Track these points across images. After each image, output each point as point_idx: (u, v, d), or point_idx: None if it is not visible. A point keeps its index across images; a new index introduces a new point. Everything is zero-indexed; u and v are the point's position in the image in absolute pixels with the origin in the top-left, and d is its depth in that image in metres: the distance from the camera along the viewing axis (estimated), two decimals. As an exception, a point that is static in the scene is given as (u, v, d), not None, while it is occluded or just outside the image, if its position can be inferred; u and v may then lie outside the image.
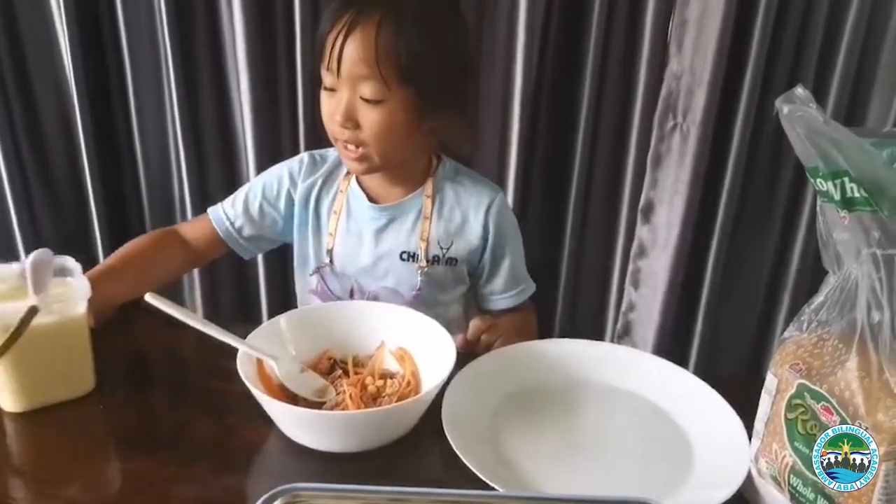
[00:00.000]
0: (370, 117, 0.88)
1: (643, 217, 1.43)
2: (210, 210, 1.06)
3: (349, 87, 0.87)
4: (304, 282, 1.08)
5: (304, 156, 1.05)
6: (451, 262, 1.00)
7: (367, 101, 0.87)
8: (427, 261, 0.99)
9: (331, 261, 1.02)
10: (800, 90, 0.52)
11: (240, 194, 1.05)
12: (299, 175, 1.03)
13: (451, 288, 1.03)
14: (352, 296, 1.02)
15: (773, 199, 1.46)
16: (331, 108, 0.90)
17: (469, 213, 1.00)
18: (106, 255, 1.60)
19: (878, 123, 1.35)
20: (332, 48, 0.86)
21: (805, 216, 1.44)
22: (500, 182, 1.46)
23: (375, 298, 1.00)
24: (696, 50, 1.29)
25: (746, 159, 1.40)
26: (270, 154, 1.46)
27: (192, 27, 1.43)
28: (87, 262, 1.74)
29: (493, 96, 1.42)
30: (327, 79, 0.90)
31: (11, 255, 1.69)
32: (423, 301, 0.99)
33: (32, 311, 0.71)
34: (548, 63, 1.40)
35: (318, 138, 1.14)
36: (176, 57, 1.43)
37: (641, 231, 1.45)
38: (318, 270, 1.03)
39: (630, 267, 1.48)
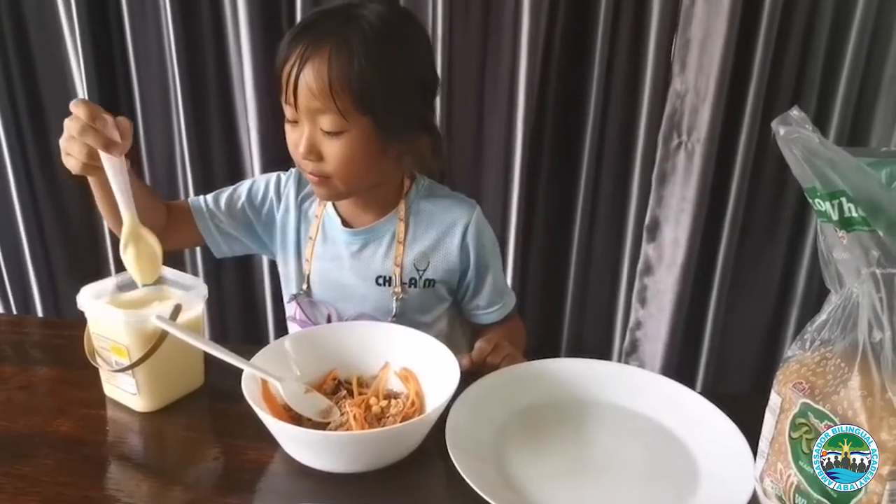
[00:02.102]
0: (332, 149, 0.87)
1: (649, 235, 1.44)
2: (190, 199, 1.03)
3: (308, 119, 0.86)
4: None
5: (293, 170, 1.03)
6: (428, 283, 0.99)
7: (327, 133, 0.86)
8: (403, 284, 0.97)
9: (308, 287, 1.01)
10: (795, 112, 0.52)
11: (224, 190, 1.03)
12: (286, 185, 1.02)
13: (431, 308, 1.01)
14: (329, 322, 1.01)
15: (779, 216, 1.46)
16: (294, 141, 0.89)
17: (445, 233, 0.98)
18: (113, 262, 1.64)
19: (882, 136, 1.35)
20: (286, 83, 0.85)
21: (811, 233, 1.44)
22: (505, 202, 1.47)
23: None
24: (700, 69, 1.30)
25: (751, 176, 1.41)
26: (275, 165, 1.48)
27: (198, 39, 1.47)
28: (96, 270, 1.75)
29: (496, 115, 1.43)
30: (288, 112, 0.88)
31: (18, 264, 1.72)
32: (403, 325, 0.96)
33: (177, 309, 0.76)
34: (552, 82, 1.41)
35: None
36: (182, 70, 1.47)
37: (647, 249, 1.45)
38: (294, 298, 1.03)
39: (636, 285, 1.48)
